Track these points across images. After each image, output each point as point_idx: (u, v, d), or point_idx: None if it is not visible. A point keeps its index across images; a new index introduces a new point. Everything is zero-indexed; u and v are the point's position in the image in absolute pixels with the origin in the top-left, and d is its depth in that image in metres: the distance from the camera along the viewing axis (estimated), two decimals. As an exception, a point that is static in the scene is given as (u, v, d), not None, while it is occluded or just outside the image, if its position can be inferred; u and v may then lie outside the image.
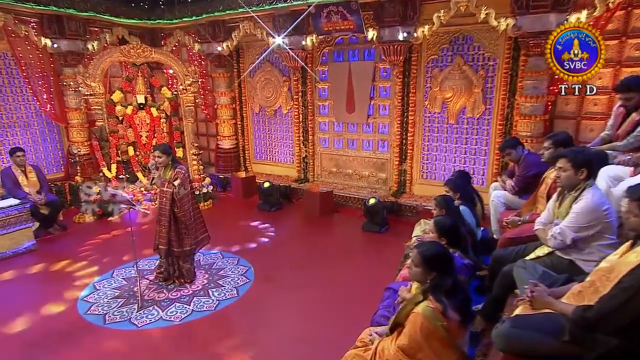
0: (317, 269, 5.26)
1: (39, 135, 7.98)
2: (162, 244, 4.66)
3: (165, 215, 4.54)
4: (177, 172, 4.48)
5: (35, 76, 7.57)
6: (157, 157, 4.47)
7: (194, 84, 8.15)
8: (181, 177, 4.46)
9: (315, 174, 8.23)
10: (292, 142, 8.37)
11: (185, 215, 4.59)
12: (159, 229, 4.64)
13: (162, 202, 4.52)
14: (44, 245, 6.03)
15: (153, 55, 7.89)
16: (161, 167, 4.55)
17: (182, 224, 4.65)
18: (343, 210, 7.30)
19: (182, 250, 4.76)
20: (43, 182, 6.56)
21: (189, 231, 4.72)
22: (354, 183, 7.74)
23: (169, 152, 4.52)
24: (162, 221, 4.57)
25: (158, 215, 4.64)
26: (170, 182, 4.48)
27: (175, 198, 4.47)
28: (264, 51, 8.19)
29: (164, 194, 4.49)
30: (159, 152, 4.46)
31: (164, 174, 4.56)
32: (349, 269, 5.27)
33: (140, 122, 8.13)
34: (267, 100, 8.44)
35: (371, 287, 4.69)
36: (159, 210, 4.60)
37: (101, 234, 6.44)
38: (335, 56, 7.43)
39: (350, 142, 7.66)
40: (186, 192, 4.57)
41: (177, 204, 4.51)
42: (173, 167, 4.54)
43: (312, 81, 7.80)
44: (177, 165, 4.56)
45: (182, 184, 4.48)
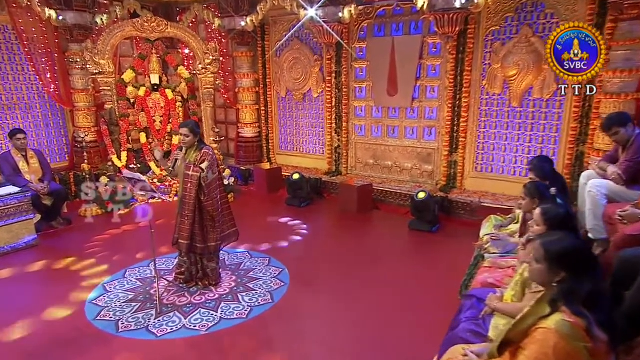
0: (363, 272, 4.88)
1: (41, 119, 7.72)
2: (183, 237, 4.28)
3: (189, 204, 4.18)
4: (204, 153, 4.17)
5: (38, 52, 7.30)
6: (183, 135, 4.17)
7: (215, 63, 7.83)
8: (209, 159, 4.15)
9: (349, 166, 7.87)
10: (322, 130, 8.05)
11: (213, 205, 4.25)
12: (181, 220, 4.26)
13: (187, 189, 4.15)
14: (46, 241, 5.82)
15: (169, 30, 7.61)
16: (186, 147, 4.24)
17: (207, 215, 4.31)
18: (383, 207, 6.96)
19: (205, 246, 4.41)
20: (46, 168, 6.27)
21: (214, 224, 4.37)
22: (394, 177, 7.34)
23: (196, 131, 4.22)
24: (185, 211, 4.19)
25: (180, 204, 4.29)
26: (196, 165, 4.10)
27: (203, 183, 4.13)
28: (294, 26, 7.84)
29: (189, 179, 4.11)
30: (186, 130, 4.14)
31: (189, 155, 4.22)
32: (399, 273, 4.89)
33: (154, 105, 7.82)
34: (296, 82, 8.12)
35: (431, 294, 4.33)
36: (181, 199, 4.24)
37: (110, 229, 6.20)
38: (375, 31, 7.04)
39: (390, 130, 7.28)
40: (214, 177, 4.25)
41: (205, 191, 4.17)
42: (199, 148, 4.25)
43: (348, 60, 7.43)
44: (204, 146, 4.27)
45: (211, 167, 4.17)
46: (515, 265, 3.43)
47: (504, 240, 3.89)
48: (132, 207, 7.06)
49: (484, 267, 3.61)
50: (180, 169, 4.25)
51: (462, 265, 4.60)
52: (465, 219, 6.22)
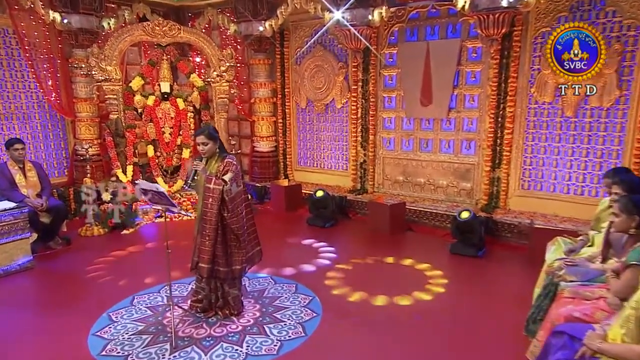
0: (405, 302, 4.50)
1: (40, 130, 7.48)
2: (203, 261, 3.93)
3: (210, 221, 3.85)
4: (226, 163, 3.89)
5: (40, 58, 7.15)
6: (200, 144, 3.87)
7: (230, 70, 7.66)
8: (233, 169, 3.86)
9: (376, 183, 7.62)
10: (346, 143, 7.82)
11: (238, 222, 3.94)
12: (201, 240, 3.92)
13: (207, 204, 3.83)
14: (43, 263, 5.52)
15: (182, 34, 7.51)
16: (206, 157, 3.94)
17: (231, 235, 3.98)
18: (417, 228, 6.64)
19: (229, 270, 4.05)
20: (45, 182, 6.00)
21: (239, 244, 4.04)
22: (427, 195, 7.06)
23: (215, 137, 3.92)
24: (206, 230, 3.85)
25: (199, 222, 3.96)
26: (218, 176, 3.81)
27: (226, 197, 3.81)
28: (317, 31, 7.63)
29: (210, 192, 3.79)
30: (203, 137, 3.85)
31: (210, 166, 3.94)
32: (447, 303, 4.53)
33: (163, 115, 7.62)
34: (317, 92, 7.95)
35: (488, 329, 3.96)
36: (201, 215, 3.91)
37: (114, 250, 5.91)
38: (407, 35, 6.85)
39: (423, 144, 7.03)
40: (239, 190, 3.94)
41: (228, 206, 3.85)
42: (221, 157, 3.95)
43: (376, 67, 7.22)
44: (226, 154, 3.98)
45: (235, 179, 3.86)
46: (605, 295, 3.02)
47: (582, 265, 3.48)
48: (137, 227, 6.79)
49: (564, 298, 3.19)
50: (200, 181, 3.93)
51: (521, 295, 4.33)
52: (513, 242, 5.85)
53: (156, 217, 7.08)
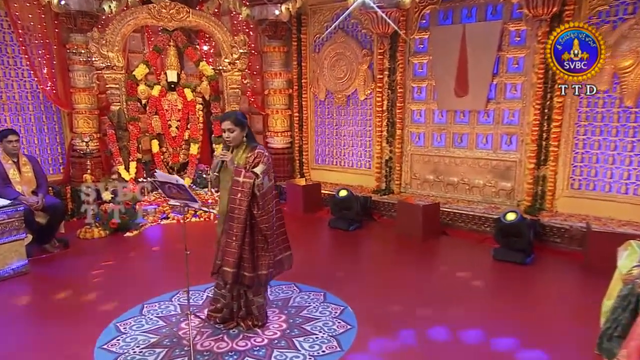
0: (451, 314, 4.25)
1: (34, 122, 7.40)
2: (228, 264, 3.72)
3: (239, 219, 3.64)
4: (257, 154, 3.69)
5: (35, 43, 7.09)
6: (226, 130, 3.68)
7: (243, 58, 7.49)
8: (265, 161, 3.68)
9: (403, 182, 7.46)
10: (370, 139, 7.70)
11: (268, 221, 3.73)
12: (226, 241, 3.72)
13: (236, 200, 3.63)
14: (39, 267, 5.32)
15: (190, 18, 7.40)
16: (232, 146, 3.75)
17: (259, 235, 3.77)
18: (451, 232, 6.44)
19: (255, 275, 3.82)
20: (41, 179, 5.82)
21: (267, 246, 3.82)
22: (461, 196, 6.88)
23: (243, 123, 3.73)
24: (234, 229, 3.65)
25: (224, 221, 3.75)
26: (248, 169, 3.62)
27: (257, 192, 3.62)
28: (338, 15, 7.49)
29: (239, 187, 3.60)
30: (229, 122, 3.66)
31: (237, 157, 3.75)
32: (500, 315, 4.24)
33: (169, 107, 7.48)
34: (338, 82, 7.82)
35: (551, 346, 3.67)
36: (227, 213, 3.69)
37: (117, 254, 5.77)
38: (440, 18, 6.71)
39: (457, 139, 6.85)
40: (270, 185, 3.75)
41: (259, 203, 3.66)
42: (250, 146, 3.75)
43: (404, 54, 7.07)
44: (256, 144, 3.80)
45: (267, 172, 3.67)
46: None
47: (668, 271, 3.20)
48: (141, 229, 6.62)
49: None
50: (226, 174, 3.72)
51: (581, 307, 4.18)
52: (563, 248, 5.60)
53: (161, 218, 6.93)
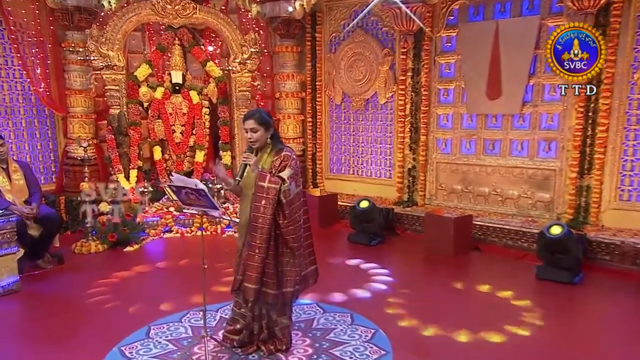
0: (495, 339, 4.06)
1: (24, 127, 7.29)
2: (250, 279, 3.54)
3: (262, 229, 3.46)
4: (284, 156, 3.55)
5: (28, 41, 7.04)
6: (249, 130, 3.54)
7: (254, 58, 7.46)
8: (292, 165, 3.54)
9: (427, 193, 7.40)
10: (391, 146, 7.67)
11: (295, 231, 3.58)
12: (248, 254, 3.54)
13: (260, 208, 3.46)
14: (31, 285, 5.17)
15: (197, 14, 7.27)
16: (256, 148, 3.60)
17: (284, 247, 3.60)
18: (485, 247, 6.31)
19: (279, 292, 3.65)
20: (34, 187, 5.69)
21: (294, 260, 3.66)
22: (493, 208, 6.78)
23: (268, 123, 3.59)
24: (257, 240, 3.49)
25: (245, 231, 3.58)
26: (273, 173, 3.49)
27: (283, 200, 3.46)
28: (356, 12, 7.52)
29: (264, 192, 3.45)
30: (253, 121, 3.52)
31: (261, 160, 3.60)
32: (551, 342, 4.04)
33: (174, 110, 7.41)
34: (356, 85, 7.81)
35: None
36: (249, 222, 3.51)
37: (118, 270, 5.60)
38: (470, 14, 6.72)
39: (489, 145, 6.79)
40: (298, 192, 3.60)
41: (285, 211, 3.49)
42: (275, 148, 3.61)
43: (430, 54, 7.04)
44: (282, 146, 3.66)
45: (294, 177, 3.53)
46: None
47: None
48: (143, 243, 6.50)
49: None
50: (249, 179, 3.56)
51: None
52: (614, 266, 5.43)
53: (164, 231, 6.84)
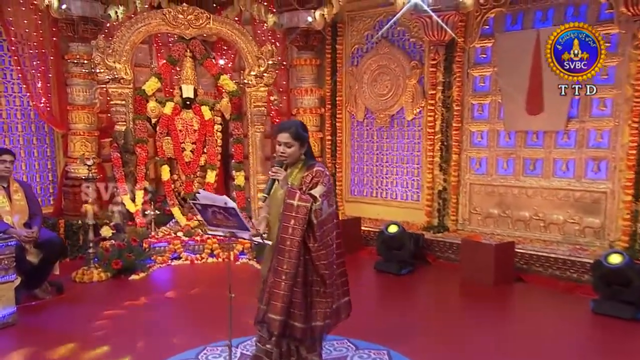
0: None
1: (22, 145, 7.36)
2: (276, 310, 3.37)
3: (290, 253, 3.32)
4: (316, 172, 3.44)
5: (29, 54, 7.12)
6: (282, 144, 3.44)
7: (271, 71, 7.43)
8: (325, 182, 3.43)
9: (460, 218, 7.30)
10: (419, 166, 7.65)
11: (327, 257, 3.44)
12: (274, 280, 3.38)
13: (288, 229, 3.32)
14: (28, 317, 5.04)
15: (211, 24, 7.30)
16: (287, 164, 3.50)
17: (314, 276, 3.45)
18: (528, 277, 6.17)
19: (308, 327, 3.48)
20: (35, 208, 5.60)
21: (325, 290, 3.49)
22: (534, 234, 6.63)
23: (304, 138, 3.50)
24: (283, 264, 3.34)
25: (274, 255, 3.41)
26: (304, 190, 3.38)
27: (314, 220, 3.33)
28: (381, 22, 7.60)
29: (293, 212, 3.31)
30: (288, 135, 3.41)
31: (291, 176, 3.50)
32: None
33: (184, 127, 7.30)
34: (380, 100, 7.85)
35: None
36: (278, 244, 3.36)
37: (124, 301, 5.53)
38: (508, 22, 6.66)
39: (529, 165, 6.68)
40: (330, 212, 3.49)
41: (315, 233, 3.36)
42: (306, 164, 3.52)
43: (463, 66, 7.02)
44: (314, 162, 3.57)
45: (327, 195, 3.42)
46: None
47: None
48: (149, 270, 6.43)
49: None
50: (276, 197, 3.44)
51: None
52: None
53: (172, 258, 6.75)
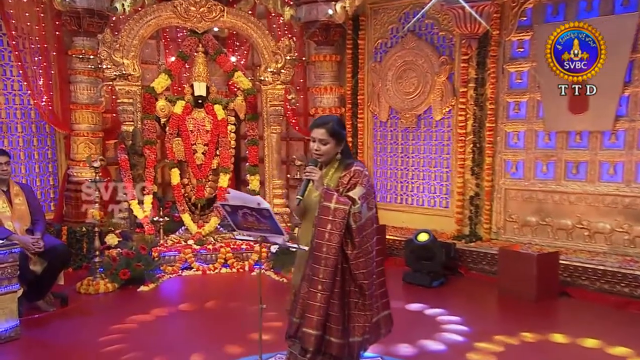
0: None
1: (22, 147, 7.34)
2: (311, 324, 3.24)
3: (327, 260, 3.20)
4: (354, 172, 3.33)
5: (31, 48, 7.09)
6: (317, 141, 3.35)
7: (288, 67, 7.39)
8: (364, 183, 3.31)
9: (494, 226, 7.15)
10: (448, 170, 7.57)
11: (366, 265, 3.30)
12: (308, 291, 3.25)
13: (324, 234, 3.20)
14: (32, 331, 4.98)
15: (225, 18, 7.27)
16: (322, 162, 3.42)
17: (352, 286, 3.32)
18: (574, 292, 6.00)
19: (345, 342, 3.35)
20: (38, 213, 5.56)
21: (364, 301, 3.35)
22: (578, 244, 6.46)
23: (340, 135, 3.39)
24: (319, 273, 3.22)
25: (308, 263, 3.30)
26: (341, 192, 3.27)
27: (353, 224, 3.20)
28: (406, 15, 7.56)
29: (330, 215, 3.19)
30: (324, 131, 3.31)
31: (327, 176, 3.40)
32: None
33: (196, 127, 7.24)
34: (406, 98, 7.79)
35: None
36: (313, 250, 3.24)
37: (134, 314, 5.43)
38: (548, 13, 6.49)
39: (571, 169, 6.55)
40: (370, 216, 3.35)
41: (354, 239, 3.23)
42: (343, 164, 3.41)
43: (498, 61, 6.89)
44: (352, 161, 3.44)
45: (366, 197, 3.29)
46: None
47: None
48: (160, 281, 6.35)
49: None
50: (310, 199, 3.35)
51: None
52: None
53: (182, 268, 6.67)
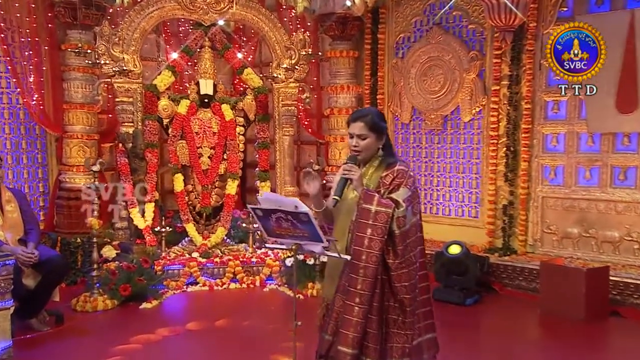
0: None
1: (10, 149, 7.33)
2: (346, 342, 3.16)
3: (366, 270, 3.14)
4: (397, 172, 3.27)
5: (21, 42, 7.10)
6: (355, 136, 3.32)
7: (302, 64, 7.37)
8: (409, 184, 3.25)
9: (530, 238, 7.07)
10: (478, 176, 7.54)
11: (409, 278, 3.22)
12: (344, 304, 3.19)
13: (363, 240, 3.13)
14: (24, 353, 4.92)
15: (233, 10, 7.23)
16: (361, 160, 3.37)
17: (392, 300, 3.25)
18: (626, 311, 5.92)
19: None
20: (31, 222, 5.51)
21: (405, 319, 3.26)
22: (627, 259, 6.36)
23: (381, 128, 3.35)
24: (357, 285, 3.15)
25: (344, 272, 3.23)
26: (382, 193, 3.21)
27: (396, 230, 3.13)
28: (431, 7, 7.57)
29: (370, 219, 3.12)
30: (362, 125, 3.29)
31: (366, 175, 3.34)
32: None
33: (201, 129, 7.20)
34: (431, 98, 7.79)
35: None
36: (352, 257, 3.16)
37: (137, 334, 5.37)
38: (592, 3, 6.48)
39: (618, 175, 6.48)
40: (414, 222, 3.29)
41: (397, 247, 3.17)
42: (385, 162, 3.35)
43: (535, 56, 6.85)
44: (395, 160, 3.39)
45: (411, 200, 3.22)
46: None
47: None
48: (163, 297, 6.30)
49: None
50: (346, 200, 3.26)
51: None
52: None
53: (187, 283, 6.62)
